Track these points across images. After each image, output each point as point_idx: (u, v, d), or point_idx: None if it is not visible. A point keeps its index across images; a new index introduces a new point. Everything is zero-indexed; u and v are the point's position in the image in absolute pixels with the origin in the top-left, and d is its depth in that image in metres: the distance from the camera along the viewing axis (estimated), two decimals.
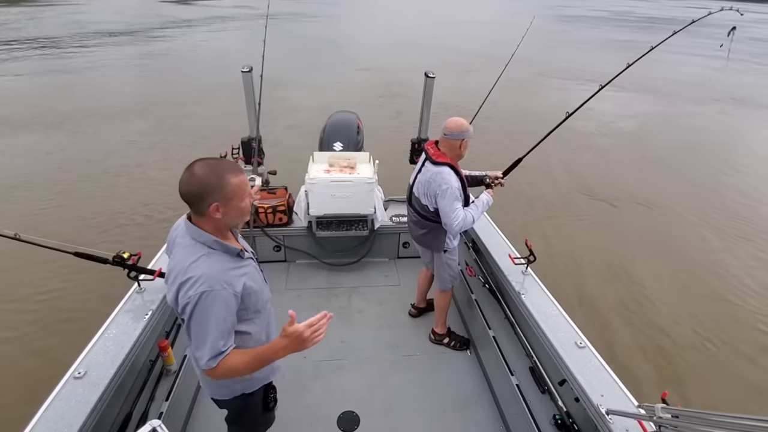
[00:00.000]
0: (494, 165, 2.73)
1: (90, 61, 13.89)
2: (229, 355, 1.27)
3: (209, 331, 1.24)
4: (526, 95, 11.38)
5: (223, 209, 1.27)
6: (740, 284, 4.62)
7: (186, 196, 1.25)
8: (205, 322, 1.24)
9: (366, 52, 17.74)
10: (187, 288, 1.23)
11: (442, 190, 2.20)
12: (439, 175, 2.22)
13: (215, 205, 1.25)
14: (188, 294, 1.23)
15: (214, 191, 1.24)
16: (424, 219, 2.42)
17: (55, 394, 1.62)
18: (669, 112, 10.96)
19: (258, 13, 28.14)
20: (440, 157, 2.26)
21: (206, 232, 1.30)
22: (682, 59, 17.50)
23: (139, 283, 2.17)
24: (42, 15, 25.66)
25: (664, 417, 1.32)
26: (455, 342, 2.86)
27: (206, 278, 1.23)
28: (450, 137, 2.25)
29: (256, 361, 1.31)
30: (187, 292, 1.23)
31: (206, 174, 1.23)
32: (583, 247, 5.13)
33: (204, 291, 1.22)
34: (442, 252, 2.53)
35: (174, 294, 1.27)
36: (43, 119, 8.55)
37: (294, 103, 9.78)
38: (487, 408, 2.48)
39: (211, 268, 1.25)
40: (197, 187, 1.23)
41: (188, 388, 2.35)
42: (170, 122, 8.76)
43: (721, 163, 7.94)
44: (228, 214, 1.29)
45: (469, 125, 2.25)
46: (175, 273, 1.28)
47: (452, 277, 2.63)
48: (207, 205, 1.25)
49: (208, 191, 1.23)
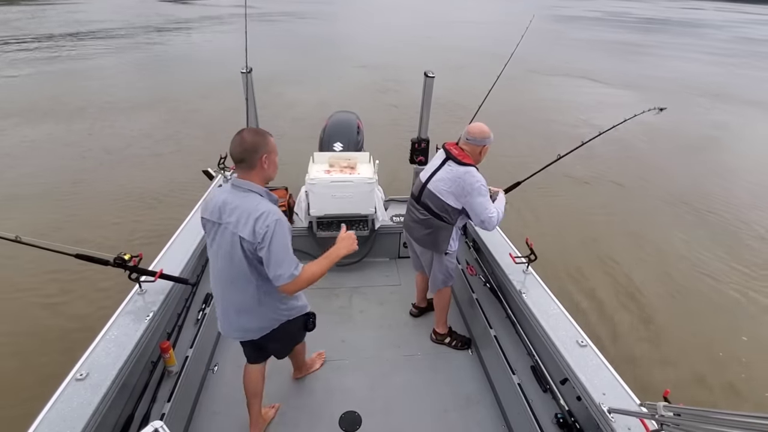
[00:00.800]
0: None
1: (93, 57, 13.94)
2: (305, 266, 1.66)
3: (287, 248, 1.61)
4: (519, 92, 11.51)
5: (267, 161, 1.66)
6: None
7: (243, 153, 1.61)
8: (283, 242, 1.59)
9: (362, 50, 17.88)
10: (264, 219, 1.57)
11: (475, 188, 2.21)
12: (468, 174, 2.22)
13: (264, 156, 1.64)
14: (266, 223, 1.57)
15: (263, 146, 1.64)
16: (433, 218, 2.40)
17: (57, 396, 1.62)
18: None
19: (258, 12, 28.28)
20: (465, 158, 2.26)
21: (256, 184, 1.65)
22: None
23: (141, 284, 2.17)
24: (42, 14, 25.71)
25: (666, 415, 1.32)
26: (456, 341, 2.86)
27: (274, 211, 1.61)
28: (473, 142, 2.25)
29: (327, 261, 1.74)
30: (265, 221, 1.57)
31: (254, 135, 1.64)
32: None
33: (278, 219, 1.59)
34: (443, 254, 2.52)
35: (251, 227, 1.58)
36: (60, 111, 8.76)
37: (292, 99, 9.84)
38: (489, 407, 2.48)
39: (271, 206, 1.63)
40: (252, 145, 1.62)
41: (190, 389, 2.35)
42: (181, 116, 8.98)
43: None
44: (270, 166, 1.68)
45: (489, 131, 2.26)
46: (246, 213, 1.60)
47: (446, 277, 2.62)
48: (258, 157, 1.63)
49: (260, 146, 1.63)
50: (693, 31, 33.95)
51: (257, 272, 1.69)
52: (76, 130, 8.15)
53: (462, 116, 3.96)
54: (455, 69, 13.76)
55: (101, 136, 7.95)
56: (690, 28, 35.99)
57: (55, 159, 6.90)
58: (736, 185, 7.12)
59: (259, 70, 3.26)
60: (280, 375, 2.59)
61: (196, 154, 7.04)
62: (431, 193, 2.37)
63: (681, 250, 5.26)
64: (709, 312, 4.26)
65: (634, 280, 4.64)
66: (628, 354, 3.70)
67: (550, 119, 9.76)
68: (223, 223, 1.66)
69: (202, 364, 2.57)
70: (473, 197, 2.22)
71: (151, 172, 6.60)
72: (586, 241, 5.33)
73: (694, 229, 5.76)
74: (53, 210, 5.46)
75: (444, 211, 2.34)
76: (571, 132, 8.77)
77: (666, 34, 30.85)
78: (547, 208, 5.94)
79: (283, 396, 2.48)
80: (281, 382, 2.56)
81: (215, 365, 2.64)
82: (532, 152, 7.57)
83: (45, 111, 9.02)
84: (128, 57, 14.80)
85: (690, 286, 4.63)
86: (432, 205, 2.38)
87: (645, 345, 3.82)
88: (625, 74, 14.65)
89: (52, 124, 8.33)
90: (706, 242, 5.46)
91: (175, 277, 2.26)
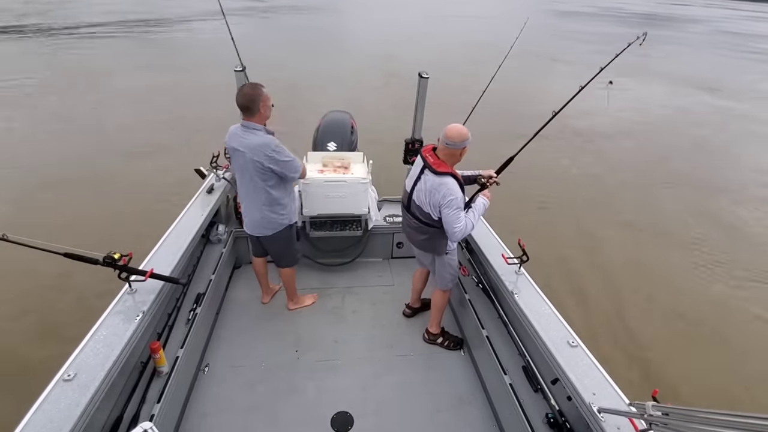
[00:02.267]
0: (481, 154, 2.71)
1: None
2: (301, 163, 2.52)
3: (289, 155, 2.37)
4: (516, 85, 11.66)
5: (263, 107, 2.31)
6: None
7: (247, 102, 2.27)
8: (285, 154, 2.36)
9: (361, 42, 17.98)
10: (267, 146, 2.30)
11: (447, 201, 2.19)
12: (443, 185, 2.20)
13: (261, 104, 2.29)
14: (272, 148, 2.31)
15: (259, 96, 2.28)
16: (425, 225, 2.40)
17: (44, 397, 1.59)
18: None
19: (264, 6, 28.18)
20: (441, 166, 2.23)
21: (257, 123, 2.34)
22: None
23: (130, 284, 2.14)
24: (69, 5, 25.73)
25: (655, 414, 1.34)
26: (449, 342, 2.87)
27: (272, 140, 2.33)
28: (452, 147, 2.21)
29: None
30: (269, 147, 2.31)
31: (252, 89, 2.29)
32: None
33: (276, 143, 2.33)
34: (444, 254, 2.53)
35: (262, 154, 2.30)
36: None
37: (287, 97, 9.80)
38: (481, 407, 2.49)
39: (270, 138, 2.34)
40: (251, 96, 2.27)
41: (180, 389, 2.33)
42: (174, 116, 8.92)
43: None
44: (266, 110, 2.34)
45: (468, 132, 2.24)
46: (255, 144, 2.30)
47: (452, 275, 2.64)
48: (257, 105, 2.28)
49: (257, 96, 2.28)
50: (678, 26, 35.21)
51: (265, 185, 2.42)
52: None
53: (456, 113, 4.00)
54: (454, 65, 13.85)
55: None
56: (676, 23, 37.29)
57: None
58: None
59: (256, 68, 3.25)
60: (276, 377, 2.58)
61: (191, 155, 6.98)
62: (416, 204, 2.39)
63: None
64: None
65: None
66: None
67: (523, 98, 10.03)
68: (241, 150, 2.33)
69: (193, 364, 2.55)
70: (444, 209, 2.23)
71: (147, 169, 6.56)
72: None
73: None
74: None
75: (429, 219, 2.35)
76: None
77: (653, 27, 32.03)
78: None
79: (275, 397, 2.47)
80: (275, 384, 2.55)
81: (206, 366, 2.62)
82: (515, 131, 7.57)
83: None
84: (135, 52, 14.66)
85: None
86: (419, 215, 2.39)
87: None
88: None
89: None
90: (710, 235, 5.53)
91: (165, 276, 2.24)
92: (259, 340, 2.83)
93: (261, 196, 2.47)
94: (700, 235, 5.71)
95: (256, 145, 2.29)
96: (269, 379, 2.57)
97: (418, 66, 3.41)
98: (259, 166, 2.32)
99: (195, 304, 2.65)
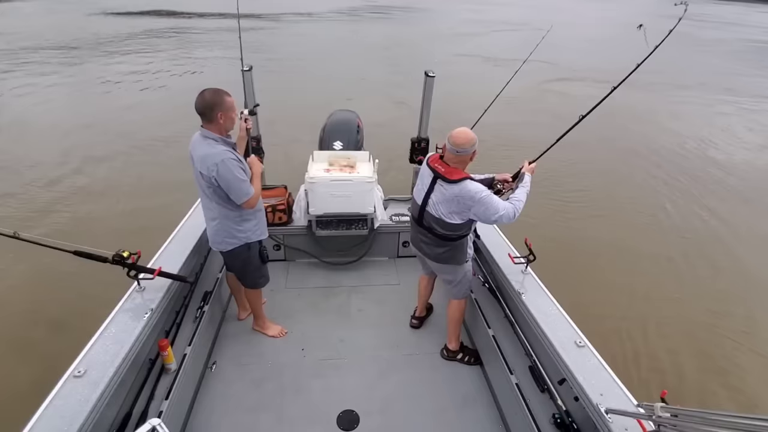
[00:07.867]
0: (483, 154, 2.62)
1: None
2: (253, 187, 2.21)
3: (236, 179, 2.08)
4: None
5: (223, 117, 2.07)
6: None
7: (203, 108, 2.04)
8: (229, 176, 2.07)
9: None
10: (212, 160, 2.04)
11: (477, 200, 2.12)
12: (465, 190, 2.13)
13: (220, 113, 2.05)
14: (214, 161, 2.03)
15: (219, 104, 2.04)
16: (442, 239, 2.32)
17: (55, 393, 1.62)
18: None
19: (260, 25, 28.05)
20: (454, 174, 2.17)
21: (213, 133, 2.10)
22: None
23: (139, 282, 2.17)
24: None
25: (664, 416, 1.32)
26: (469, 357, 2.78)
27: (221, 153, 2.05)
28: (463, 153, 2.15)
29: (256, 179, 2.28)
30: (213, 161, 2.03)
31: (213, 95, 2.04)
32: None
33: (222, 159, 2.04)
34: (464, 262, 2.46)
35: (206, 167, 2.06)
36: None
37: (293, 98, 9.80)
38: (487, 407, 2.49)
39: (220, 150, 2.07)
40: (209, 102, 2.03)
41: (188, 386, 2.35)
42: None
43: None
44: (226, 120, 2.09)
45: (475, 135, 2.18)
46: (203, 155, 2.06)
47: (470, 282, 2.59)
48: (215, 113, 2.04)
49: (216, 104, 2.04)
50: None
51: (217, 197, 2.19)
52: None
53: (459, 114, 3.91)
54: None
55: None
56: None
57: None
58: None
59: (260, 70, 3.23)
60: (282, 376, 2.59)
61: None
62: (434, 217, 2.27)
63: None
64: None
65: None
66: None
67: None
68: (192, 158, 2.14)
69: (201, 362, 2.57)
70: (477, 208, 2.14)
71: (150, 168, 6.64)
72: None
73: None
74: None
75: (452, 230, 2.26)
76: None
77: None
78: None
79: (281, 394, 2.48)
80: (281, 383, 2.56)
81: (213, 363, 2.64)
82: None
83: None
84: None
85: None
86: (438, 227, 2.29)
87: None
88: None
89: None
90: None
91: (173, 274, 2.26)
92: (266, 339, 2.85)
93: (213, 210, 2.26)
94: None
95: (202, 155, 2.06)
96: (276, 377, 2.58)
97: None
98: (207, 178, 2.09)
99: (202, 302, 2.67)
